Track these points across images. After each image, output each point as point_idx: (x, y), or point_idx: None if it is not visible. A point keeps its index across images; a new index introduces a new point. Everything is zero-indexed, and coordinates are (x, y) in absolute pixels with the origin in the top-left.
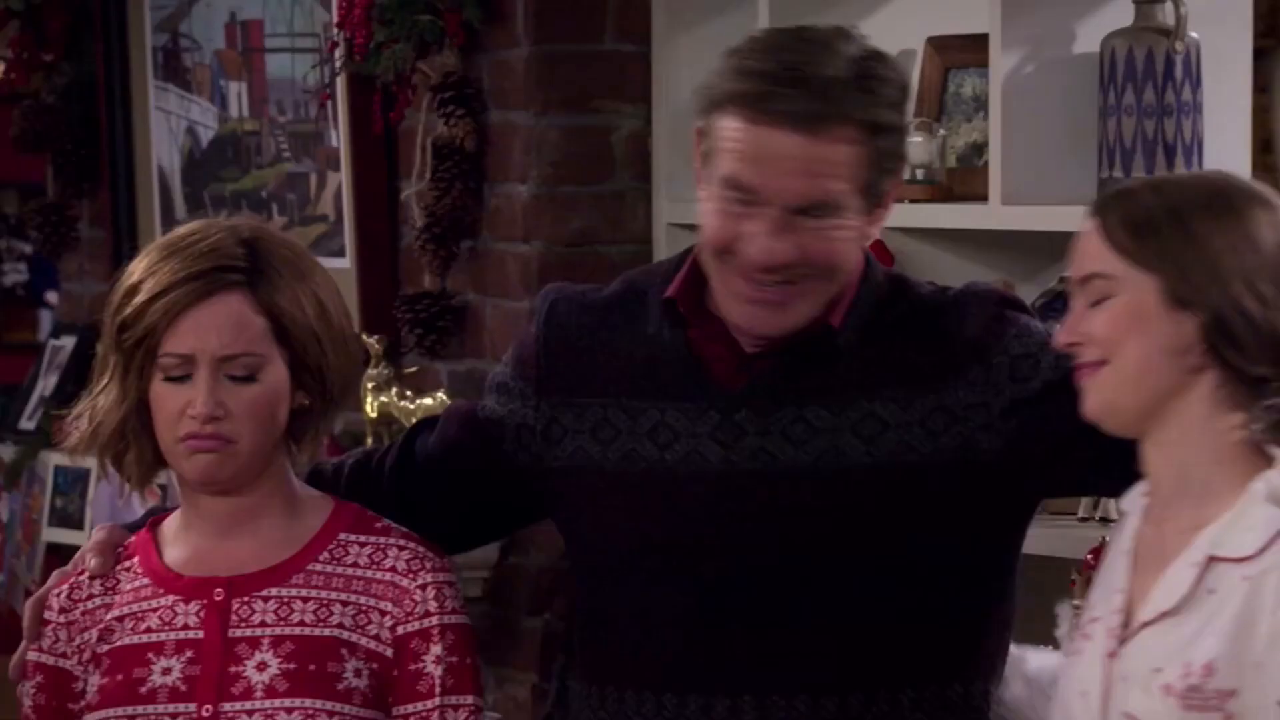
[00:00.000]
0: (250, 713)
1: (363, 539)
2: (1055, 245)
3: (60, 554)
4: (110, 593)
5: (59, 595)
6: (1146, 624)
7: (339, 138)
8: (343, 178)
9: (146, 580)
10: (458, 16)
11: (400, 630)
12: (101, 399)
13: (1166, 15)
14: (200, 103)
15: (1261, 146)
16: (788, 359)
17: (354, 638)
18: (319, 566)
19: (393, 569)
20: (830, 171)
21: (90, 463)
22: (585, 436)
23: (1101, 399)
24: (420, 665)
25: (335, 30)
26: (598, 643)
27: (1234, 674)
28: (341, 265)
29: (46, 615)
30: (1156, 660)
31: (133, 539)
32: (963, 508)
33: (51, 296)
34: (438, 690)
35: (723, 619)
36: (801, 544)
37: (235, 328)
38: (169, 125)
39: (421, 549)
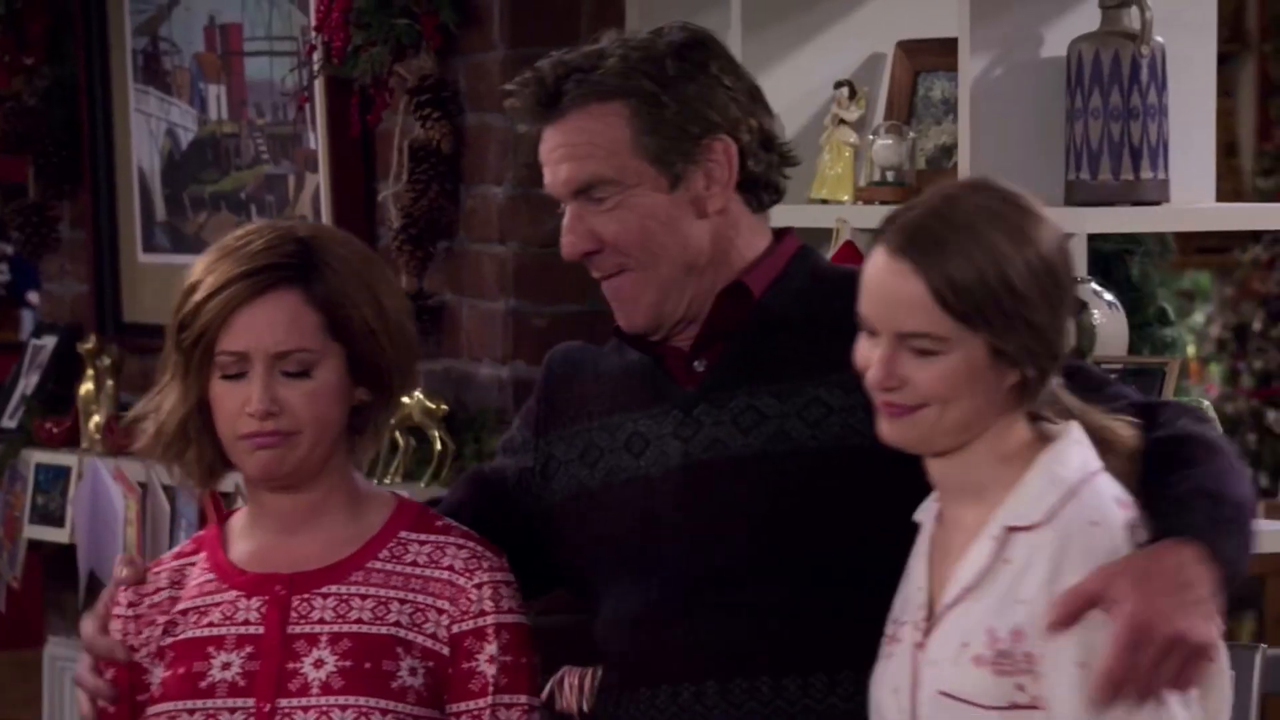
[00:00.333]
0: (306, 709)
1: (423, 537)
2: None
3: (41, 551)
4: (176, 587)
5: (126, 592)
6: (950, 606)
7: (317, 140)
8: (321, 179)
9: (211, 575)
10: (434, 20)
11: (456, 629)
12: (165, 399)
13: (1133, 20)
14: (180, 105)
15: (1226, 150)
16: (727, 341)
17: (410, 636)
18: (378, 564)
19: (450, 567)
20: (585, 152)
21: (71, 460)
22: (576, 463)
23: (916, 436)
24: (474, 664)
25: (313, 33)
26: (597, 655)
27: (1041, 636)
28: None
29: (115, 611)
30: (964, 635)
31: (200, 533)
32: (910, 490)
33: (33, 296)
34: (490, 689)
35: (685, 608)
36: (756, 529)
37: (288, 324)
38: (149, 127)
39: (479, 548)
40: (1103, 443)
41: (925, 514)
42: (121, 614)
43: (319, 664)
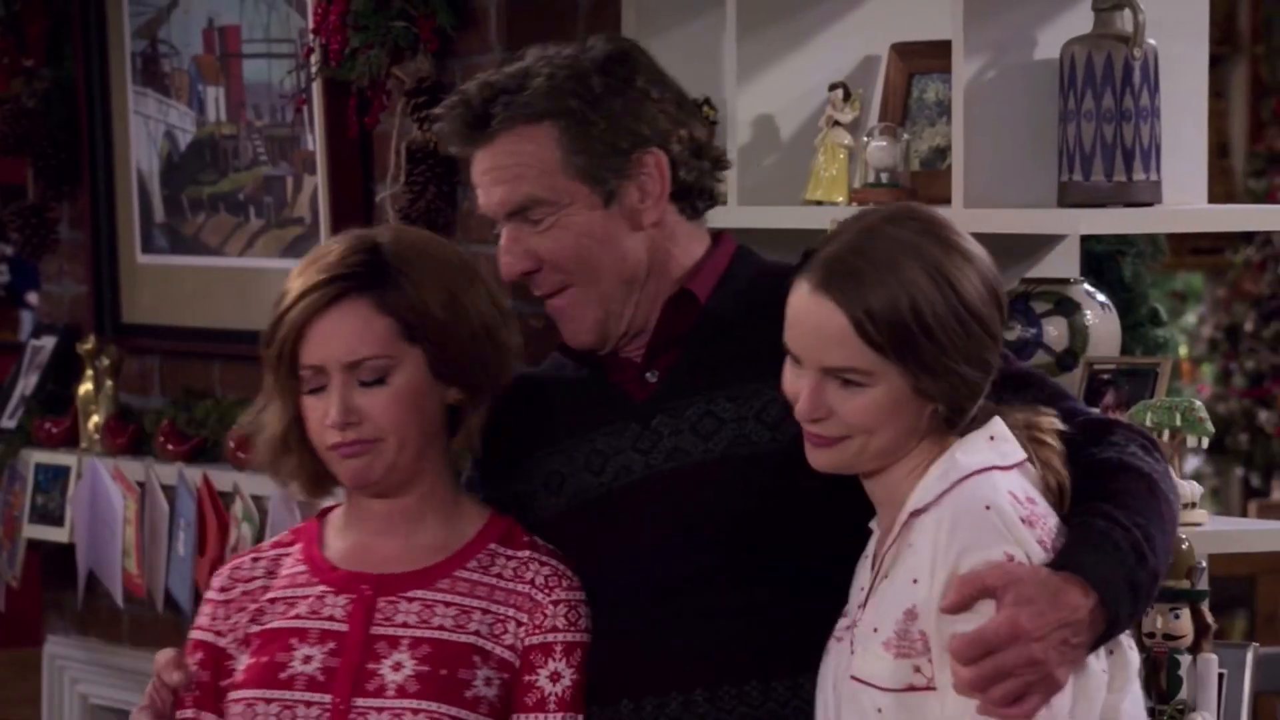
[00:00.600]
0: (380, 710)
1: (510, 552)
2: (1017, 247)
3: (41, 550)
4: (270, 576)
5: (220, 575)
6: (869, 596)
7: (315, 141)
8: (319, 181)
9: (304, 567)
10: (431, 22)
11: (527, 641)
12: (269, 412)
13: (1125, 22)
14: (178, 107)
15: (1217, 151)
16: (677, 349)
17: (489, 646)
18: (466, 574)
19: (531, 582)
20: (516, 174)
21: (70, 460)
22: (541, 493)
23: (840, 462)
24: (534, 678)
25: (311, 36)
26: None
27: (930, 616)
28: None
29: (207, 595)
30: (875, 621)
31: (300, 524)
32: None
33: (32, 297)
34: (550, 705)
35: (665, 619)
36: (727, 534)
37: (359, 333)
38: (147, 129)
39: (561, 566)
40: (1033, 439)
41: (874, 522)
42: (213, 598)
43: (397, 667)
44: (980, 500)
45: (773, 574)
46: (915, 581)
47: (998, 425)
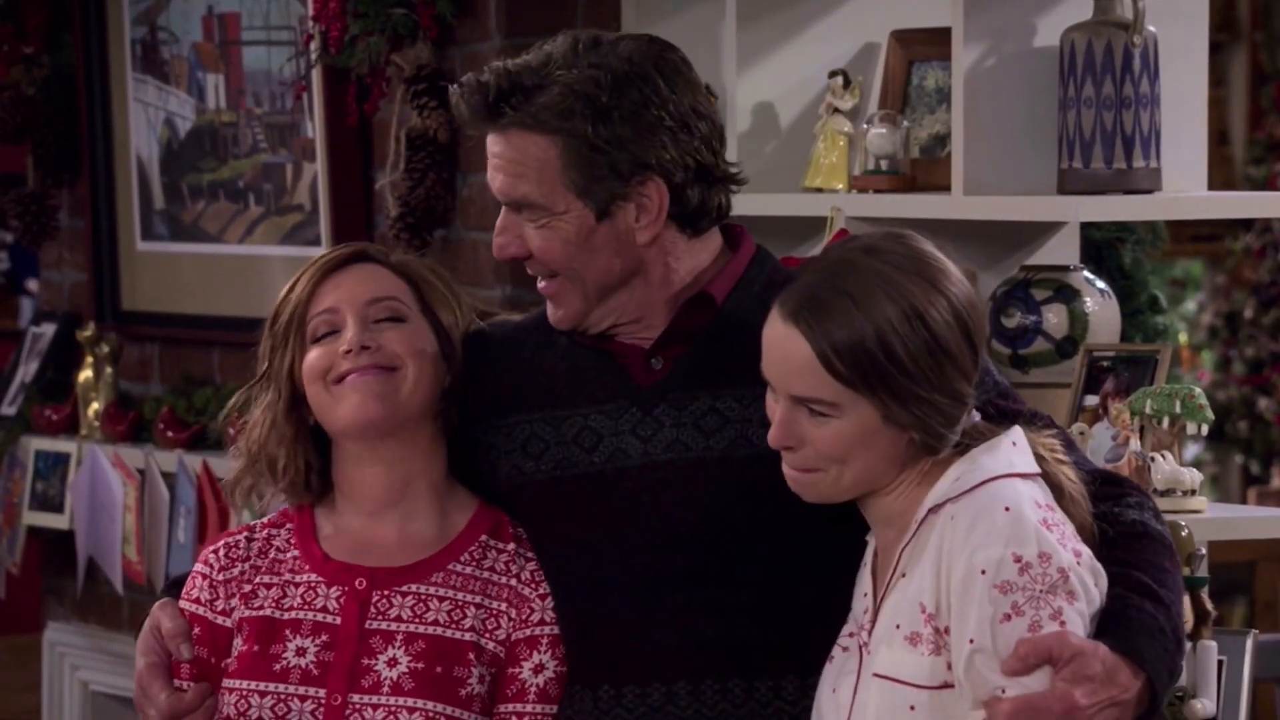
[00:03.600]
0: (375, 707)
1: (500, 545)
2: (1016, 234)
3: (41, 537)
4: (262, 556)
5: (215, 553)
6: (885, 596)
7: (314, 129)
8: (318, 168)
9: (296, 552)
10: (430, 10)
11: (514, 636)
12: (256, 409)
13: (1125, 9)
14: (178, 94)
15: (1217, 139)
16: (688, 344)
17: (482, 641)
18: (459, 567)
19: (518, 577)
20: (520, 172)
21: (70, 447)
22: (517, 454)
23: (818, 494)
24: (518, 670)
25: (310, 23)
26: None
27: (945, 610)
28: (317, 254)
29: (201, 570)
30: (896, 617)
31: (287, 507)
32: None
33: (32, 285)
34: (530, 695)
35: (656, 608)
36: (721, 531)
37: (376, 280)
38: (147, 116)
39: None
40: (1041, 457)
41: (871, 534)
42: (211, 576)
43: (393, 662)
44: (1001, 501)
45: (764, 575)
46: (937, 575)
47: (1018, 434)
